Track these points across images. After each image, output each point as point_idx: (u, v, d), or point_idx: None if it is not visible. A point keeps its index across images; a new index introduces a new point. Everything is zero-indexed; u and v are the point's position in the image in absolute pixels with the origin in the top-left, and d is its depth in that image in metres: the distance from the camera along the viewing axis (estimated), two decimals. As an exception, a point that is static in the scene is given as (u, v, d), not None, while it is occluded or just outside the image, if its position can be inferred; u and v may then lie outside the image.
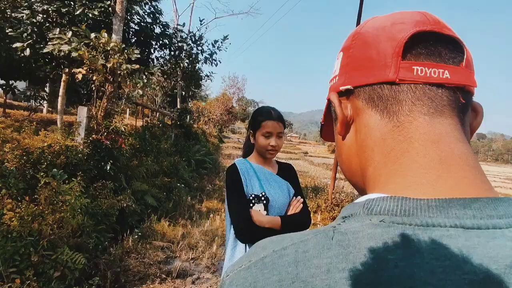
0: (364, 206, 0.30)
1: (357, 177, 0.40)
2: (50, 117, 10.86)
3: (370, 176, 0.36)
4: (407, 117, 0.33)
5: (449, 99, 0.33)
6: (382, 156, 0.34)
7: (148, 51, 7.51)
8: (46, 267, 2.41)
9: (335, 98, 0.40)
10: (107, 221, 3.52)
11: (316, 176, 11.81)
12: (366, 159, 0.37)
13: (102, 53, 4.39)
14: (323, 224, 5.32)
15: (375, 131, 0.35)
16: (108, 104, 4.68)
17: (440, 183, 0.29)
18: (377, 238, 0.27)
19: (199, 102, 27.86)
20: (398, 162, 0.32)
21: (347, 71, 0.39)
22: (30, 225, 2.50)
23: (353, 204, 0.33)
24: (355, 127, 0.39)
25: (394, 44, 0.33)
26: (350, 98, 0.39)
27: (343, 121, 0.39)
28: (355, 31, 0.40)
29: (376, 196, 0.31)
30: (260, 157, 1.47)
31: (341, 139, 0.42)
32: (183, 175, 7.14)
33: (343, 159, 0.42)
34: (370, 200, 0.31)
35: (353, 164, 0.40)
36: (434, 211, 0.27)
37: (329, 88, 0.44)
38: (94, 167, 3.99)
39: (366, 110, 0.36)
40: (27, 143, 3.40)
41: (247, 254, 0.33)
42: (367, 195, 0.33)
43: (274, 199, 1.38)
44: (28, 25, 4.97)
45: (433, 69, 0.32)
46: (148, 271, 3.06)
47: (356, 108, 0.38)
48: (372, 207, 0.29)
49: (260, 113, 1.45)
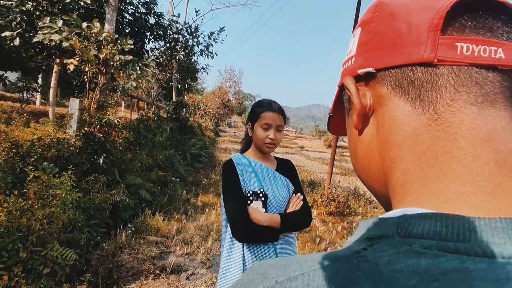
0: (398, 226, 0.23)
1: (377, 181, 0.33)
2: (44, 109, 10.66)
3: (397, 181, 0.29)
4: (449, 108, 0.26)
5: (503, 85, 0.26)
6: (415, 157, 0.27)
7: (142, 42, 7.35)
8: (35, 264, 2.34)
9: (350, 83, 0.32)
10: (100, 215, 3.44)
11: (312, 170, 11.79)
12: (392, 159, 0.29)
13: (95, 43, 4.26)
14: (319, 220, 5.29)
15: (404, 125, 0.28)
16: (101, 96, 4.57)
17: (500, 195, 0.22)
18: (423, 273, 0.19)
19: (195, 96, 27.63)
20: (438, 166, 0.25)
21: (367, 50, 0.31)
22: (19, 220, 2.42)
23: (379, 220, 0.25)
24: (377, 120, 0.32)
25: (431, 14, 0.26)
26: (370, 84, 0.31)
27: (360, 113, 0.32)
28: (377, 2, 0.32)
29: (414, 211, 0.24)
30: (258, 152, 1.39)
31: (357, 135, 0.34)
32: (178, 169, 7.06)
33: (359, 158, 0.35)
34: (405, 217, 0.23)
35: (373, 165, 0.33)
36: (500, 236, 0.20)
37: (341, 72, 0.37)
38: (87, 161, 3.90)
39: (392, 98, 0.29)
40: (16, 135, 3.30)
41: (242, 283, 0.26)
42: (400, 210, 0.25)
43: (273, 196, 1.31)
44: (17, 14, 4.80)
45: (483, 47, 0.25)
46: (141, 267, 3.00)
47: (378, 96, 0.31)
48: (410, 228, 0.22)
49: (260, 105, 1.37)
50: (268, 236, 1.24)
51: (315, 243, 4.17)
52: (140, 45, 7.32)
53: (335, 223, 5.20)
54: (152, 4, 7.28)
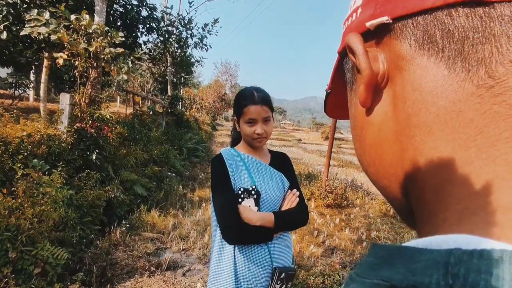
0: (447, 271, 0.13)
1: (392, 178, 0.24)
2: (37, 106, 10.50)
3: (426, 181, 0.20)
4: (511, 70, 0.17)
5: None
6: (458, 146, 0.18)
7: (135, 35, 7.20)
8: (25, 264, 2.27)
9: (357, 41, 0.23)
10: (93, 213, 3.37)
11: (309, 163, 11.77)
12: (418, 149, 0.21)
13: (84, 36, 4.14)
14: (317, 212, 5.26)
15: (437, 97, 0.20)
16: (92, 91, 4.46)
17: None
18: None
19: (191, 89, 27.41)
20: (499, 160, 0.16)
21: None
22: (7, 219, 2.35)
23: (407, 251, 0.16)
24: (393, 93, 0.23)
25: None
26: (384, 42, 0.23)
27: (370, 83, 0.23)
28: None
29: (474, 242, 0.14)
30: (249, 146, 1.30)
31: (364, 114, 0.26)
32: (174, 163, 6.99)
33: (367, 147, 0.26)
34: (460, 254, 0.14)
35: (387, 156, 0.24)
36: None
37: (343, 33, 0.28)
38: (79, 157, 3.82)
39: (417, 59, 0.21)
40: (5, 132, 3.20)
41: None
42: (445, 237, 0.15)
43: (266, 192, 1.22)
44: (3, 6, 4.65)
45: None
46: (136, 264, 2.95)
47: (396, 58, 0.22)
48: (473, 280, 0.13)
49: (242, 97, 1.23)
50: (261, 236, 1.16)
51: (313, 235, 4.13)
52: (133, 38, 7.17)
53: (333, 216, 5.17)
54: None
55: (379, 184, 0.26)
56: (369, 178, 0.28)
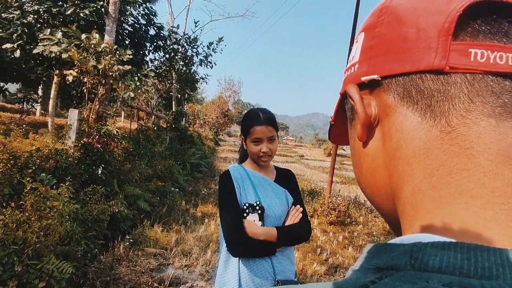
0: (411, 255, 0.20)
1: (383, 197, 0.30)
2: (43, 120, 10.68)
3: (406, 199, 0.26)
4: (463, 120, 0.23)
5: None
6: (427, 174, 0.25)
7: (142, 53, 7.42)
8: (30, 277, 2.29)
9: (354, 91, 0.30)
10: (98, 227, 3.40)
11: (312, 179, 11.75)
12: (401, 176, 0.27)
13: (93, 54, 4.29)
14: (320, 229, 5.23)
15: (413, 137, 0.26)
16: (100, 107, 4.58)
17: None
18: None
19: (195, 105, 27.75)
20: (453, 185, 0.23)
21: (372, 56, 0.29)
22: (15, 232, 2.38)
23: (389, 246, 0.23)
24: (382, 131, 0.29)
25: (441, 18, 0.24)
26: (375, 92, 0.29)
27: (365, 123, 0.30)
28: (382, 5, 0.30)
29: (429, 238, 0.21)
30: (255, 163, 1.37)
31: (361, 146, 0.32)
32: (177, 179, 7.02)
33: (363, 172, 0.32)
34: (420, 245, 0.20)
35: (379, 179, 0.30)
36: None
37: (344, 80, 0.35)
38: (85, 172, 3.88)
39: (399, 108, 0.27)
40: (15, 146, 3.28)
41: None
42: (413, 236, 0.22)
43: (270, 208, 1.27)
44: (19, 26, 4.86)
45: (499, 53, 0.23)
46: (139, 280, 2.94)
47: (384, 106, 0.29)
48: (426, 259, 0.19)
49: (248, 117, 1.32)
50: (264, 250, 1.21)
51: (316, 253, 4.11)
52: (140, 56, 7.38)
53: (336, 233, 5.14)
54: (152, 15, 7.38)
55: (374, 201, 0.33)
56: (366, 197, 0.34)
